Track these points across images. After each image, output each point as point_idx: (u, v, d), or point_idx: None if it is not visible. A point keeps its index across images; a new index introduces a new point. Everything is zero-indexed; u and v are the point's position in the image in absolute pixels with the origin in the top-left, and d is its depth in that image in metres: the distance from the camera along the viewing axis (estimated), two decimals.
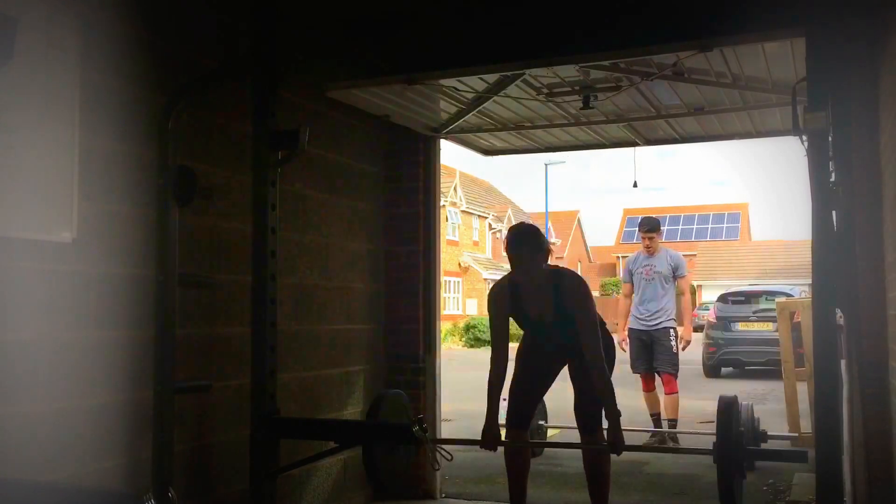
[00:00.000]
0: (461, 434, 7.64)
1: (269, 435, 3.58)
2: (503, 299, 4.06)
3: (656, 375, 7.15)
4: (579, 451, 4.34)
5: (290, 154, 3.63)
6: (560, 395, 4.17)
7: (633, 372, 7.20)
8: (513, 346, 4.06)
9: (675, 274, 7.18)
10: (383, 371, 5.23)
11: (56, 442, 2.86)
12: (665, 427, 6.97)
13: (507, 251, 3.96)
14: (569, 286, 3.96)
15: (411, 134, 5.25)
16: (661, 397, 7.13)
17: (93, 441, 3.02)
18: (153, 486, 3.10)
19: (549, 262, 4.00)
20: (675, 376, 7.04)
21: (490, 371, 4.02)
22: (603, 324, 4.04)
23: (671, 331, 7.05)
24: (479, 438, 3.99)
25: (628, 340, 7.25)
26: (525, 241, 3.93)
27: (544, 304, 3.97)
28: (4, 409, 2.67)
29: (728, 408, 3.60)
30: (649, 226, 7.27)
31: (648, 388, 7.17)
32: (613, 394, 3.86)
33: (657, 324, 7.05)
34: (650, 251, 7.21)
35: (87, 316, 3.02)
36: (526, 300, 4.01)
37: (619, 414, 3.82)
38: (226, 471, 3.76)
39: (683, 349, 7.15)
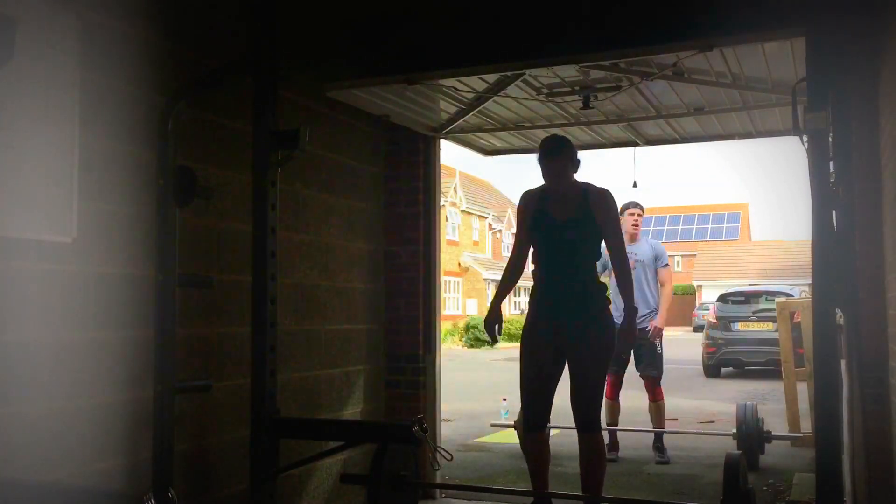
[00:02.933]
0: (461, 434, 7.67)
1: (269, 435, 3.58)
2: (533, 199, 4.24)
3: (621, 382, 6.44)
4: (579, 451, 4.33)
5: (290, 154, 3.63)
6: (560, 395, 4.16)
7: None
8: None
9: (657, 263, 6.51)
10: (383, 371, 5.23)
11: (56, 442, 2.86)
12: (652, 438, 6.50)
13: (541, 159, 4.14)
14: (595, 191, 4.14)
15: (411, 134, 5.26)
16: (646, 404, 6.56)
17: (93, 441, 3.02)
18: (153, 486, 3.10)
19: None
20: (659, 381, 6.42)
21: (507, 265, 4.40)
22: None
23: (650, 322, 6.35)
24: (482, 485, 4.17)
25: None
26: (560, 149, 4.14)
27: (570, 205, 4.12)
28: (4, 409, 2.67)
29: (733, 468, 3.46)
30: (631, 203, 6.55)
31: (612, 395, 6.34)
32: (633, 288, 4.23)
33: (640, 320, 5.99)
34: (633, 237, 6.46)
35: (87, 316, 3.01)
36: (552, 203, 4.17)
37: (636, 311, 4.26)
38: (226, 471, 3.76)
39: (653, 337, 6.34)
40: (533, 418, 4.17)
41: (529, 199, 4.26)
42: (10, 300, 2.70)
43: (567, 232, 4.09)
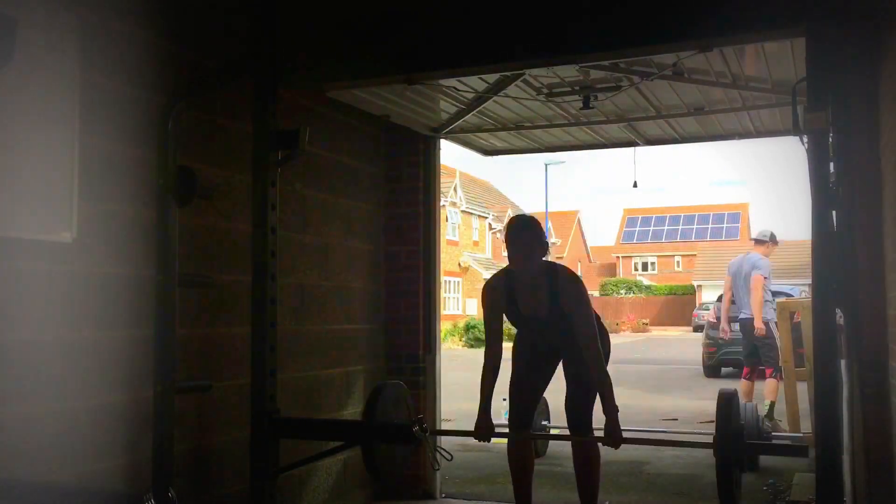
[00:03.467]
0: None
1: (269, 435, 3.58)
2: (499, 292, 4.05)
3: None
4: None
5: (290, 154, 3.63)
6: (561, 396, 4.16)
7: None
8: (507, 347, 4.07)
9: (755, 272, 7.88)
10: (383, 371, 5.23)
11: (56, 442, 2.86)
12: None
13: (507, 239, 3.94)
14: (563, 279, 3.96)
15: (411, 134, 5.25)
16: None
17: (93, 441, 3.02)
18: (153, 486, 3.11)
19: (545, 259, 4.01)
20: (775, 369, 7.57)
21: (484, 363, 4.04)
22: (598, 318, 4.03)
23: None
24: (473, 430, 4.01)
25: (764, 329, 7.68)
26: (527, 229, 3.95)
27: (539, 298, 3.96)
28: (5, 409, 2.67)
29: (728, 401, 3.60)
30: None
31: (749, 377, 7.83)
32: (611, 387, 3.86)
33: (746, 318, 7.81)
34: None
35: (87, 316, 3.02)
36: (520, 293, 4.00)
37: (616, 409, 3.82)
38: (226, 471, 3.76)
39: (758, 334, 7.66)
40: (518, 420, 4.16)
41: (495, 289, 4.06)
42: (10, 300, 2.70)
43: (546, 329, 4.05)
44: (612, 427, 3.80)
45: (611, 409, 3.80)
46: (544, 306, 3.95)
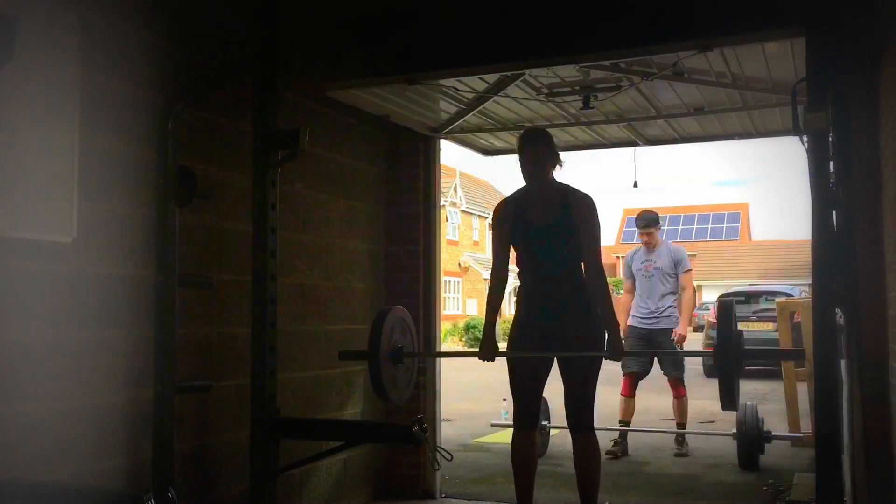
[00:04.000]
0: (461, 434, 7.67)
1: (269, 435, 3.58)
2: (509, 209, 4.11)
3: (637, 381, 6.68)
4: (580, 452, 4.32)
5: (290, 154, 3.63)
6: (561, 396, 4.16)
7: (624, 371, 6.60)
8: (503, 347, 4.07)
9: (678, 269, 6.79)
10: None
11: (56, 442, 2.86)
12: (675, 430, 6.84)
13: (519, 148, 4.04)
14: (578, 197, 4.01)
15: (411, 134, 5.25)
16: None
17: (93, 441, 3.02)
18: (153, 486, 3.10)
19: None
20: (682, 379, 6.71)
21: (490, 284, 4.22)
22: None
23: (673, 331, 6.64)
24: (477, 350, 4.08)
25: (626, 338, 6.81)
26: (540, 140, 4.06)
27: (550, 209, 4.00)
28: (4, 409, 2.67)
29: (727, 309, 3.70)
30: (646, 221, 6.90)
31: (628, 392, 6.66)
32: (612, 303, 4.04)
33: (655, 322, 6.63)
34: (650, 247, 6.90)
35: (87, 316, 3.02)
36: (531, 206, 4.05)
37: (618, 323, 4.06)
38: (226, 471, 3.76)
39: (677, 344, 6.64)
40: (523, 418, 4.13)
41: (504, 211, 4.11)
42: (10, 300, 2.70)
43: (550, 237, 3.99)
44: (614, 339, 3.94)
45: (613, 325, 3.97)
46: (553, 216, 3.98)
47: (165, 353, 3.15)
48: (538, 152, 4.00)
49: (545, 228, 3.99)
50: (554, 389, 4.35)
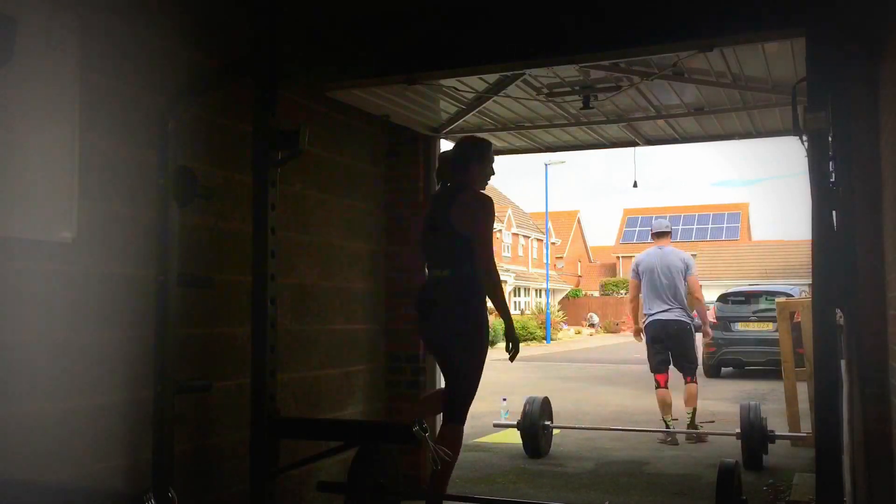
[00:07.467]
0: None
1: (269, 435, 3.58)
2: (429, 202, 4.28)
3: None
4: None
5: (290, 154, 3.63)
6: (561, 396, 4.16)
7: (653, 372, 7.25)
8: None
9: (686, 273, 7.37)
10: (383, 371, 5.23)
11: (56, 442, 2.86)
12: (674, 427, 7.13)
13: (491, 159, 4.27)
14: (468, 194, 4.06)
15: (411, 134, 5.26)
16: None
17: (93, 441, 3.02)
18: (153, 486, 3.10)
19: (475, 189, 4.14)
20: (693, 371, 7.33)
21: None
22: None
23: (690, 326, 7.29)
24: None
25: (644, 336, 7.36)
26: (468, 147, 4.21)
27: (442, 207, 4.08)
28: (4, 409, 2.67)
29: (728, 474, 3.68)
30: (660, 229, 7.52)
31: (664, 384, 7.24)
32: (505, 301, 4.06)
33: (667, 312, 7.24)
34: (660, 248, 7.46)
35: (87, 316, 3.02)
36: (434, 203, 4.19)
37: (511, 319, 4.13)
38: (226, 471, 3.76)
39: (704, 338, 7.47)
40: None
41: (428, 202, 4.32)
42: (10, 300, 2.70)
43: (436, 244, 4.10)
44: (511, 333, 4.06)
45: (508, 319, 4.10)
46: (440, 215, 4.05)
47: (165, 353, 3.15)
48: (457, 158, 4.17)
49: (434, 232, 4.11)
50: (554, 389, 4.35)
